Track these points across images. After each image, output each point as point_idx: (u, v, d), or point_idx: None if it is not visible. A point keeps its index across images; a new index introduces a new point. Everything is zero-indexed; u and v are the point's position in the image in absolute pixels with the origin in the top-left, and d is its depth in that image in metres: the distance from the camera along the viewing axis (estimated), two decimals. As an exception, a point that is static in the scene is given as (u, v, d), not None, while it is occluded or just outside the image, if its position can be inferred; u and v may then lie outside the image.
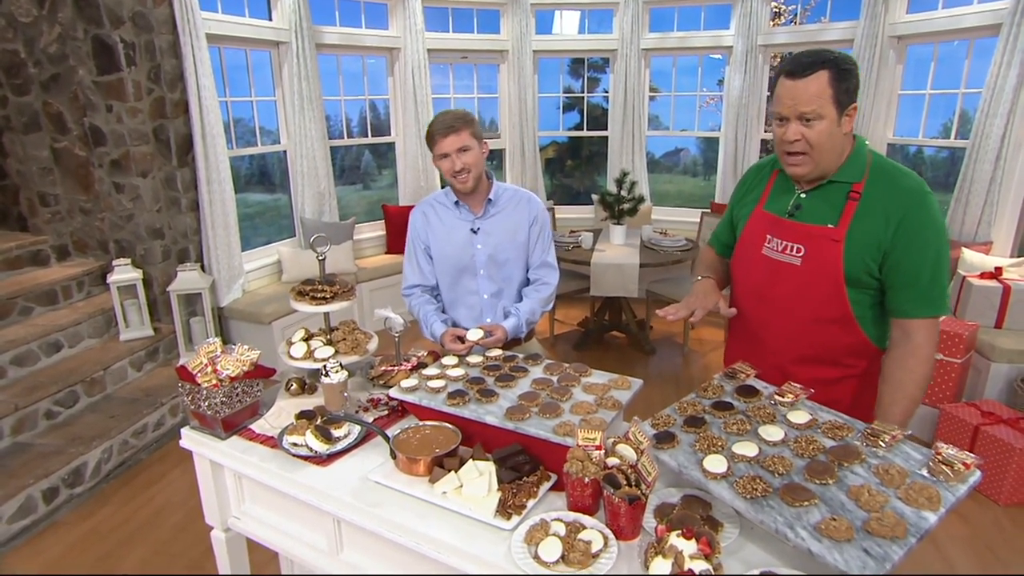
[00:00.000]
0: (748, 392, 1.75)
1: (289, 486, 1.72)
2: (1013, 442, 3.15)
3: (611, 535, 1.42)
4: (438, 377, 1.96)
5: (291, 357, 2.06)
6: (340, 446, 1.80)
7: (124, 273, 4.19)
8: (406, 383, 1.90)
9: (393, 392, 1.89)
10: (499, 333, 2.16)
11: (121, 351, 4.09)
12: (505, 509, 1.49)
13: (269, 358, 4.36)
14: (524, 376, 1.97)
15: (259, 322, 4.67)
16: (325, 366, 1.92)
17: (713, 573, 1.24)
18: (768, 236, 1.81)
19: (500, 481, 1.56)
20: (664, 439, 1.60)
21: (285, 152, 5.52)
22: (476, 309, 2.38)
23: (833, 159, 1.68)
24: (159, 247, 4.45)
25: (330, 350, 2.06)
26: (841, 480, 1.38)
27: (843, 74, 1.58)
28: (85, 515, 3.26)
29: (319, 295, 2.05)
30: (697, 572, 1.23)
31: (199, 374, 1.85)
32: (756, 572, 1.31)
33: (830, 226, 1.68)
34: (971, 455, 1.36)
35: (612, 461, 1.52)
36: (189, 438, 1.93)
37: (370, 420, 1.97)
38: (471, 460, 1.61)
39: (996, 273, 4.05)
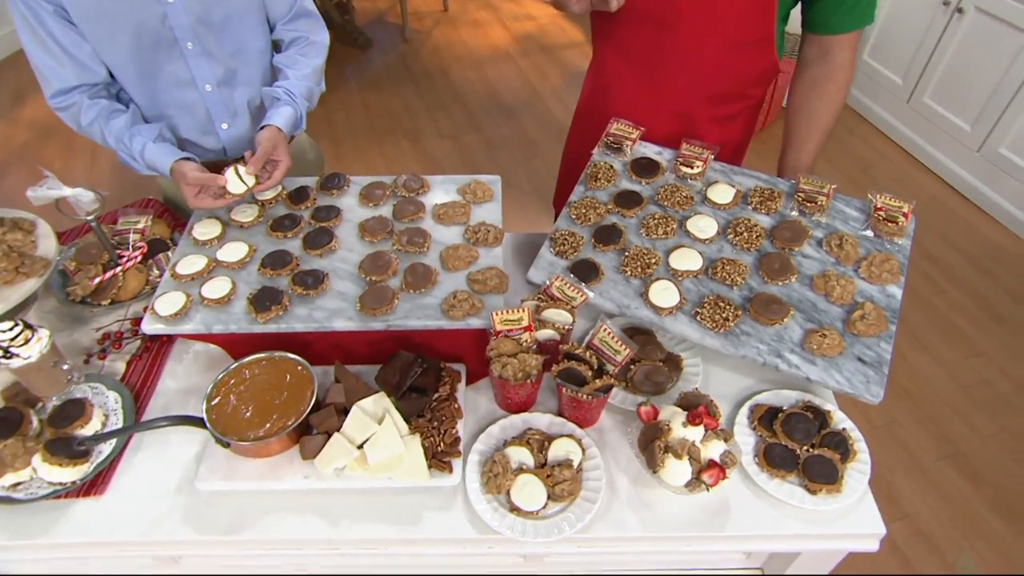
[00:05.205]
0: (646, 169, 1.43)
1: (58, 552, 1.08)
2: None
3: (577, 430, 1.16)
4: (208, 270, 1.27)
5: None
6: (106, 451, 1.13)
7: None
8: (163, 303, 1.19)
9: (149, 327, 1.18)
10: (284, 161, 1.39)
11: None
12: (440, 459, 1.11)
13: None
14: (338, 223, 1.38)
15: None
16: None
17: (730, 449, 1.09)
18: None
19: (408, 419, 1.13)
20: (584, 272, 1.27)
21: None
22: (198, 112, 1.50)
23: None
24: None
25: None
26: (800, 272, 1.25)
27: None
28: None
29: None
30: (720, 461, 1.06)
31: None
32: (747, 408, 1.20)
33: None
34: (906, 203, 1.29)
35: (545, 335, 1.18)
36: None
37: (121, 370, 1.26)
38: (354, 406, 1.12)
39: None
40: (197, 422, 1.09)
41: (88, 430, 1.14)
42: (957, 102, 3.09)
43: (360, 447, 1.09)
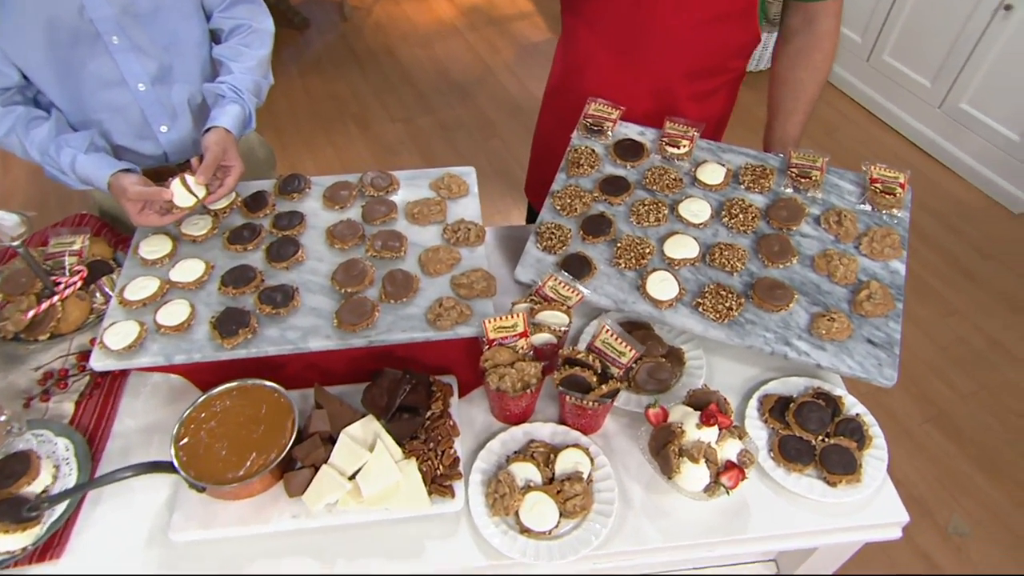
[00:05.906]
0: (630, 152, 1.37)
1: (18, 624, 0.98)
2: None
3: (583, 439, 1.11)
4: (161, 293, 1.16)
5: None
6: (60, 508, 1.03)
7: None
8: (113, 335, 1.08)
9: (99, 363, 1.07)
10: (236, 166, 1.27)
11: None
12: (440, 483, 1.04)
13: None
14: (302, 231, 1.28)
15: None
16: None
17: (746, 448, 1.05)
18: None
19: (401, 443, 1.05)
20: (575, 267, 1.21)
21: None
22: (132, 115, 1.36)
23: None
24: None
25: None
26: (800, 252, 1.21)
27: None
28: None
29: None
30: (737, 461, 1.02)
31: None
32: (756, 400, 1.16)
33: None
34: (902, 172, 1.27)
35: (541, 339, 1.12)
36: None
37: (69, 412, 1.15)
38: (341, 433, 1.04)
39: None
40: (166, 467, 0.99)
41: (36, 486, 1.03)
42: (917, 59, 3.12)
43: (352, 478, 1.02)
